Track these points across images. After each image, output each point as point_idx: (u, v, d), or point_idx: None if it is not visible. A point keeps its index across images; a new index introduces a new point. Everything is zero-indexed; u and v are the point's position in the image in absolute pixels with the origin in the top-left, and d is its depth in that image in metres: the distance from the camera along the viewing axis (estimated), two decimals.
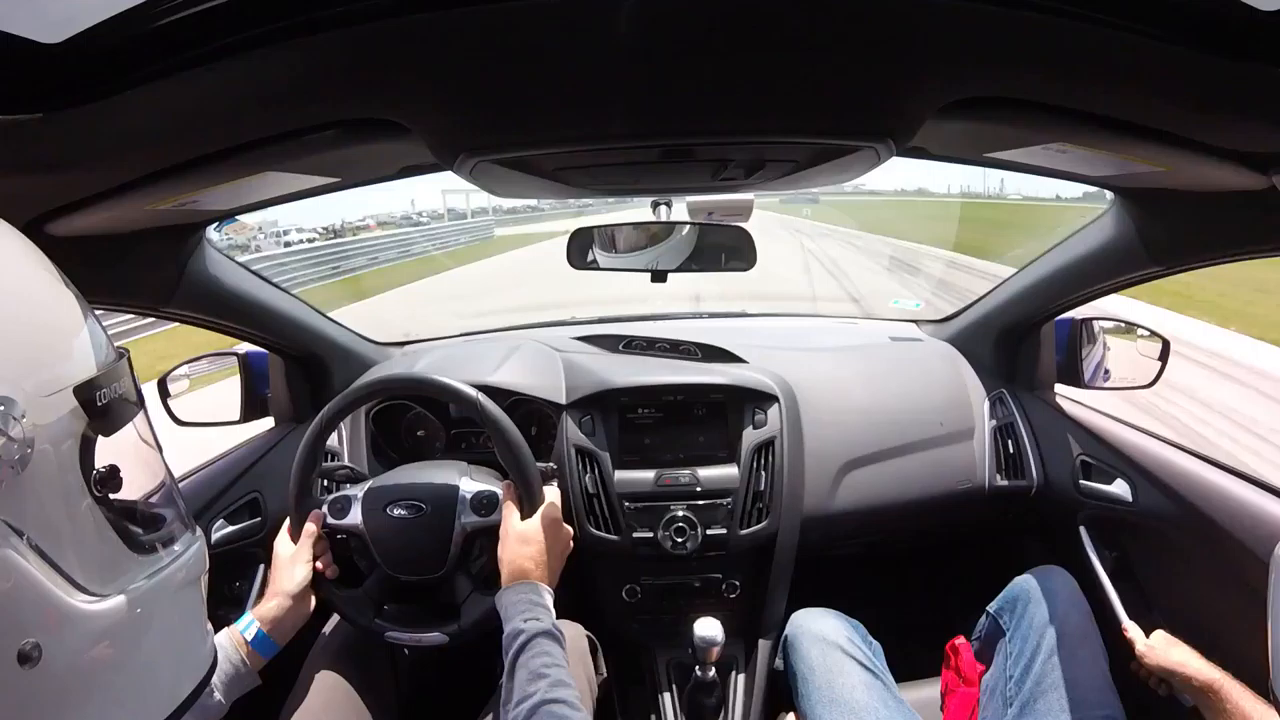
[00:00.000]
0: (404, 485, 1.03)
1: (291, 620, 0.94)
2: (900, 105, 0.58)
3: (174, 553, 0.56)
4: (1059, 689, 0.93)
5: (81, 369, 0.48)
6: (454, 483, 1.02)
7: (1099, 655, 0.98)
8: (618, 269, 1.18)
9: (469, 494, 1.01)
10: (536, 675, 0.74)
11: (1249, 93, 0.51)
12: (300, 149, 0.64)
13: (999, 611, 1.11)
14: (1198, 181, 0.79)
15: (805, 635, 1.08)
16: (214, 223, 1.04)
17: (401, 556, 1.00)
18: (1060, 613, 1.01)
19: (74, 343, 0.49)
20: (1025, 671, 0.98)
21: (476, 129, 0.61)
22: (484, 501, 1.00)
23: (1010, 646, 1.04)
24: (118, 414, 0.51)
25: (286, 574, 0.95)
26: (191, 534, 0.60)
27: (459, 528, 0.99)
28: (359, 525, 1.00)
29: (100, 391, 0.48)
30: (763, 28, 0.47)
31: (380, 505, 1.01)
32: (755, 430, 1.27)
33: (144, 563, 0.52)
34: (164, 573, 0.54)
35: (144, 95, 0.49)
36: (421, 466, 1.09)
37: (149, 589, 0.51)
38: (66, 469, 0.46)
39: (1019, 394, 1.42)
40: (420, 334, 1.75)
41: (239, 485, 1.25)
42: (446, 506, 1.00)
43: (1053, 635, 0.99)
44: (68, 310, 0.50)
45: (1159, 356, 1.29)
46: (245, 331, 1.26)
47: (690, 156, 0.71)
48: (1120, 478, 1.22)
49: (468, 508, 1.00)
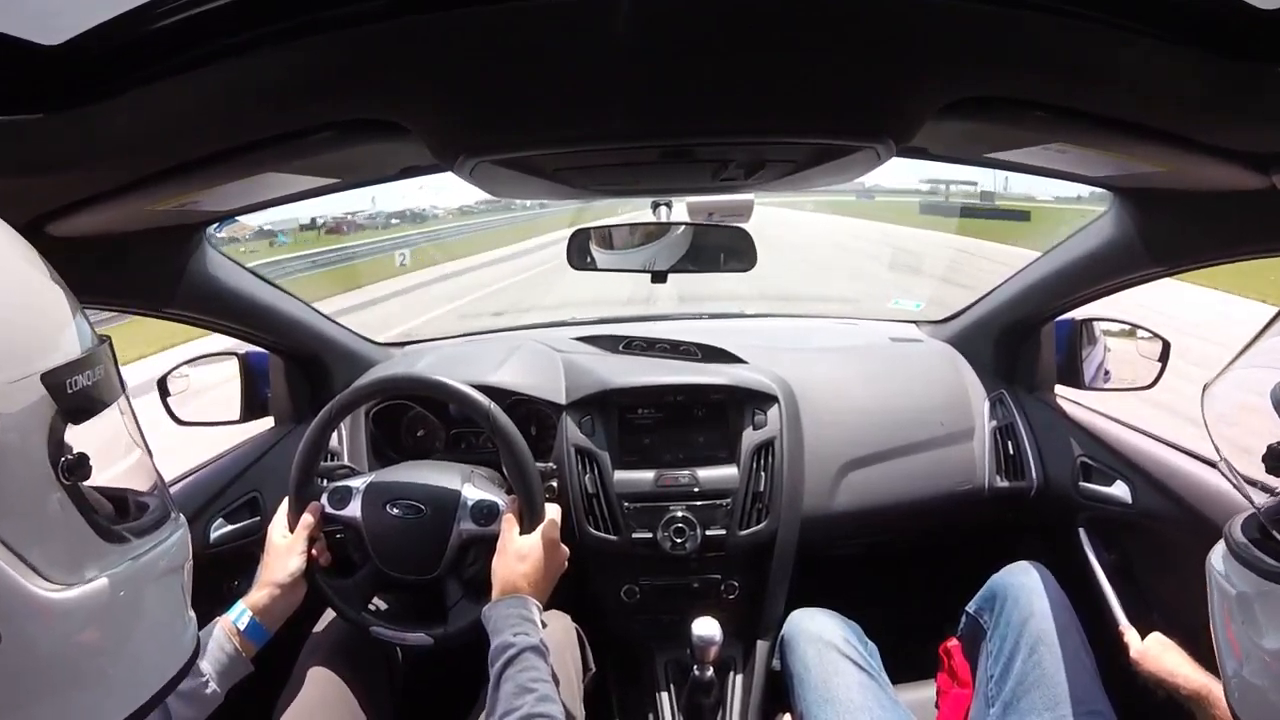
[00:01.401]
0: (406, 484, 1.03)
1: (281, 608, 0.94)
2: (900, 105, 0.58)
3: (152, 540, 0.55)
4: (1041, 686, 0.92)
5: (51, 356, 0.47)
6: (456, 488, 1.02)
7: (1082, 650, 0.96)
8: (617, 269, 1.19)
9: (470, 501, 1.00)
10: (523, 689, 0.74)
11: (1249, 92, 0.51)
12: (300, 150, 0.64)
13: (978, 611, 1.10)
14: (1198, 181, 0.79)
15: (801, 635, 1.08)
16: (214, 223, 1.04)
17: (395, 555, 1.00)
18: (1039, 609, 1.00)
19: (44, 329, 0.48)
20: (1006, 670, 0.97)
21: (476, 130, 0.61)
22: (484, 511, 1.00)
23: (990, 646, 1.03)
24: (90, 402, 0.50)
25: (280, 562, 0.96)
26: (174, 521, 0.59)
27: (456, 534, 0.99)
28: (356, 518, 1.01)
29: (71, 379, 0.48)
30: (762, 28, 0.47)
31: (380, 501, 1.01)
32: (755, 431, 1.27)
33: (119, 551, 0.52)
34: (141, 560, 0.53)
35: (144, 96, 0.49)
36: (425, 466, 1.09)
37: (122, 577, 0.51)
38: (33, 457, 0.45)
39: (1019, 395, 1.42)
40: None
41: (239, 485, 1.25)
42: (446, 511, 1.00)
43: (1032, 632, 0.97)
44: (39, 296, 0.49)
45: (1159, 357, 1.29)
46: (245, 332, 1.26)
47: (690, 157, 0.71)
48: (1120, 479, 1.22)
49: (467, 515, 1.00)
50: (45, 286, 0.50)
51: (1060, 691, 0.91)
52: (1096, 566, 1.23)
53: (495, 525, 0.98)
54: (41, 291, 0.50)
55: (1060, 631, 0.97)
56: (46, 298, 0.50)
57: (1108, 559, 1.25)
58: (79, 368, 0.49)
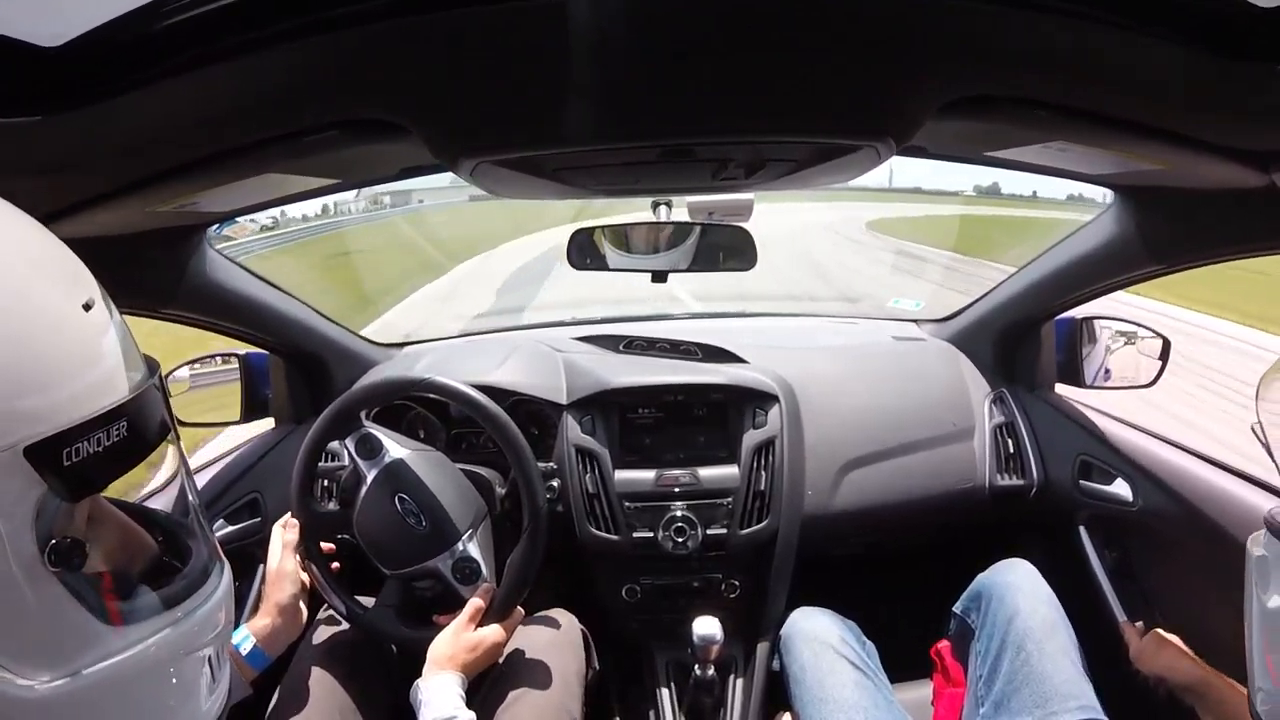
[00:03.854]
0: (428, 491, 1.02)
1: (285, 634, 0.95)
2: (900, 105, 0.58)
3: (171, 617, 0.45)
4: (1030, 684, 0.91)
5: (41, 419, 0.37)
6: (461, 530, 1.01)
7: (1070, 646, 0.95)
8: (617, 269, 1.18)
9: (460, 553, 1.00)
10: None
11: (1249, 90, 0.51)
12: (300, 150, 0.64)
13: (965, 611, 1.09)
14: (1198, 179, 0.79)
15: (798, 635, 1.08)
16: (214, 224, 1.04)
17: (372, 534, 1.01)
18: (1025, 607, 0.99)
19: (30, 380, 0.37)
20: (994, 670, 0.97)
21: (476, 130, 0.61)
22: (465, 570, 1.00)
23: (978, 646, 1.02)
24: (100, 471, 0.40)
25: (278, 586, 0.96)
26: (211, 581, 0.49)
27: (431, 565, 1.00)
28: (366, 479, 1.01)
29: (71, 449, 0.38)
30: (762, 27, 0.47)
31: (395, 484, 1.01)
32: (755, 430, 1.27)
33: (125, 633, 0.42)
34: (157, 640, 0.44)
35: (144, 97, 0.49)
36: (455, 481, 1.07)
37: (128, 664, 0.42)
38: (13, 545, 0.37)
39: (1019, 393, 1.42)
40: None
41: (239, 485, 1.25)
42: (437, 542, 1.00)
43: (1018, 630, 0.96)
44: (33, 335, 0.38)
45: (1159, 356, 1.29)
46: (245, 332, 1.26)
47: (690, 156, 0.71)
48: (1120, 477, 1.22)
49: (451, 561, 1.00)
50: (42, 320, 0.39)
51: (1049, 689, 0.90)
52: (1097, 565, 1.23)
53: (466, 589, 0.99)
54: (36, 328, 0.38)
55: (1048, 628, 0.96)
56: (41, 338, 0.39)
57: (1108, 557, 1.25)
58: (84, 432, 0.39)
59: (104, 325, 0.43)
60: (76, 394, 0.39)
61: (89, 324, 0.42)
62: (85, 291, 0.43)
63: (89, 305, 0.42)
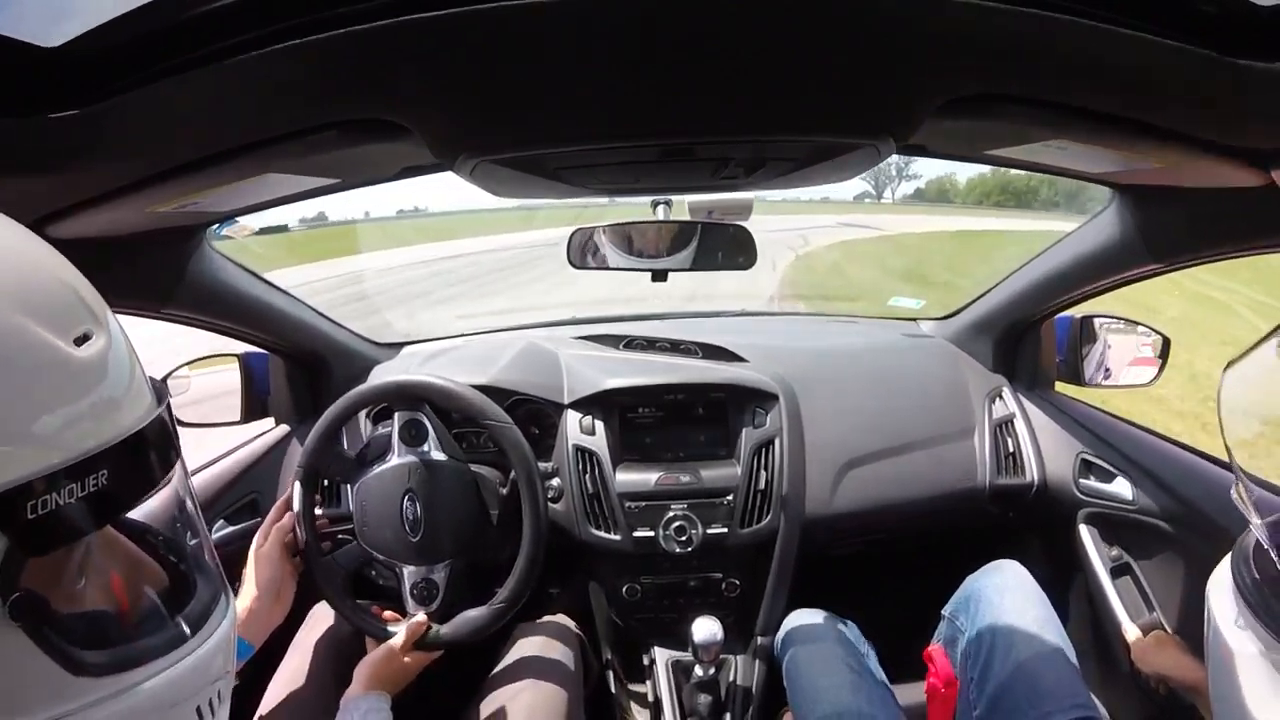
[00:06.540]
0: (435, 507, 1.03)
1: (266, 618, 0.94)
2: (900, 103, 0.58)
3: (155, 669, 0.41)
4: (1021, 684, 0.91)
5: (6, 468, 0.33)
6: (443, 555, 1.03)
7: (1062, 645, 0.95)
8: (617, 268, 1.18)
9: (428, 574, 1.02)
10: None
11: (1249, 89, 0.51)
12: (301, 150, 0.63)
13: (954, 614, 1.09)
14: (1198, 178, 0.79)
15: (797, 635, 1.09)
16: (214, 224, 1.04)
17: (366, 516, 1.03)
18: (1015, 607, 0.99)
19: (9, 430, 0.34)
20: (985, 672, 0.96)
21: (476, 129, 0.61)
22: (424, 593, 1.02)
23: (968, 648, 1.02)
24: (72, 525, 0.36)
25: (257, 568, 0.97)
26: (201, 631, 0.44)
27: (399, 569, 1.02)
28: (391, 457, 1.03)
29: (35, 502, 0.34)
30: (762, 26, 0.47)
31: (410, 484, 1.02)
32: (756, 429, 1.27)
33: (100, 685, 0.38)
34: (128, 694, 0.39)
35: (144, 98, 0.48)
36: (466, 505, 1.07)
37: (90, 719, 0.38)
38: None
39: (1019, 392, 1.42)
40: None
41: (239, 486, 1.25)
42: (415, 554, 1.02)
43: (1009, 632, 0.96)
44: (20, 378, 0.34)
45: (1159, 354, 1.29)
46: (246, 332, 1.26)
47: (691, 156, 0.71)
48: (1121, 476, 1.22)
49: (417, 579, 1.02)
50: (18, 362, 0.35)
51: (1041, 688, 0.90)
52: (1097, 563, 1.23)
53: (413, 605, 1.01)
54: (7, 371, 0.34)
55: (1038, 627, 0.96)
56: (11, 382, 0.35)
57: (1108, 556, 1.25)
58: (54, 484, 0.34)
59: (95, 361, 0.39)
60: (47, 440, 0.35)
61: (75, 361, 0.37)
62: (79, 323, 0.39)
63: (83, 339, 0.38)
